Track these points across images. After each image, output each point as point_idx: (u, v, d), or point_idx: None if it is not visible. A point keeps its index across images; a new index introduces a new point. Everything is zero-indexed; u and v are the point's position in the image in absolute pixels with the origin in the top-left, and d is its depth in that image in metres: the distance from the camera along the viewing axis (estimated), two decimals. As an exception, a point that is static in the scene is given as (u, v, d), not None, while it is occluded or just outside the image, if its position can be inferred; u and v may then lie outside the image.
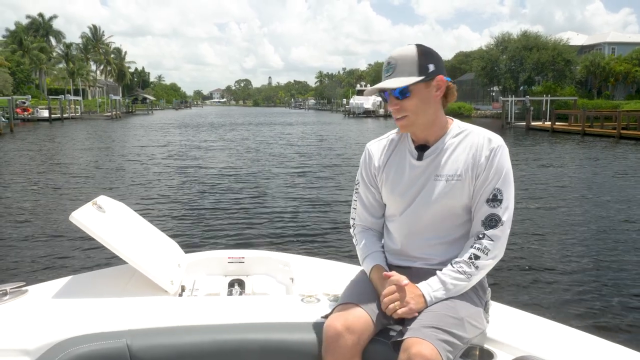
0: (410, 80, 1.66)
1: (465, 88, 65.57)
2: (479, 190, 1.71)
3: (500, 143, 1.71)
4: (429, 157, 1.76)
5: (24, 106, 48.65)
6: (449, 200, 1.73)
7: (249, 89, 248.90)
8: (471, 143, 1.73)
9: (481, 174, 1.70)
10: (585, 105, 37.47)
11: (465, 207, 1.75)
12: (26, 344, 1.66)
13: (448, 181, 1.72)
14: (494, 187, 1.69)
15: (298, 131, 36.35)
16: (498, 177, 1.69)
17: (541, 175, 14.42)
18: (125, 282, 2.23)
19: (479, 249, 1.69)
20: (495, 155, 1.69)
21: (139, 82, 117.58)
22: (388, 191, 1.83)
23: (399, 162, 1.82)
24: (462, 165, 1.72)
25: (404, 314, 1.64)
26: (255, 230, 8.15)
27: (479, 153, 1.71)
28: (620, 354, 1.64)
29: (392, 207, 1.85)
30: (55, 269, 6.16)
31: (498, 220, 1.69)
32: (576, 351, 1.66)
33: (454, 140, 1.75)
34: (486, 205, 1.70)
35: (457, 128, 1.78)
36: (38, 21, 76.74)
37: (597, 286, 5.71)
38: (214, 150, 21.70)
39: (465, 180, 1.71)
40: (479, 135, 1.74)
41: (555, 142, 25.97)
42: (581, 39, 61.75)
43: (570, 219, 9.03)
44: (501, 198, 1.69)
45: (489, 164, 1.69)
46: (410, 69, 1.67)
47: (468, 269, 1.69)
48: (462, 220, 1.77)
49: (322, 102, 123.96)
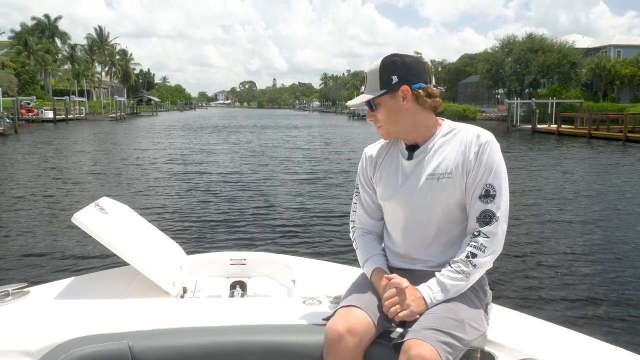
0: (373, 94, 1.75)
1: (470, 90, 65.43)
2: (471, 186, 1.71)
3: (489, 138, 1.71)
4: (419, 156, 1.78)
5: (29, 107, 48.75)
6: (442, 199, 1.73)
7: (254, 90, 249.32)
8: (460, 140, 1.74)
9: (471, 171, 1.70)
10: (590, 108, 37.28)
11: (460, 206, 1.75)
12: (28, 345, 1.66)
13: (439, 179, 1.73)
14: (485, 182, 1.69)
15: (304, 134, 36.25)
16: (489, 173, 1.68)
17: (547, 177, 14.31)
18: (127, 283, 2.23)
19: (475, 247, 1.68)
20: (484, 151, 1.69)
21: (143, 83, 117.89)
22: (382, 191, 1.86)
23: (391, 163, 1.85)
24: (452, 163, 1.72)
25: (405, 317, 1.64)
26: (257, 233, 8.12)
27: (467, 149, 1.71)
28: (622, 357, 1.63)
29: (387, 208, 1.87)
30: (57, 270, 6.14)
31: (492, 216, 1.68)
32: (578, 354, 1.65)
33: (444, 139, 1.77)
34: (479, 201, 1.69)
35: (447, 127, 1.79)
36: (44, 22, 77.05)
37: (600, 290, 5.67)
38: (217, 154, 21.64)
39: (456, 177, 1.71)
40: (468, 132, 1.75)
41: (561, 145, 25.82)
42: (586, 41, 61.49)
43: (575, 222, 8.96)
44: (494, 193, 1.69)
45: (479, 160, 1.69)
46: (374, 84, 1.75)
47: (466, 268, 1.68)
48: (458, 219, 1.76)
49: (327, 104, 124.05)
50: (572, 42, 51.72)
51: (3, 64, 54.05)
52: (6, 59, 57.45)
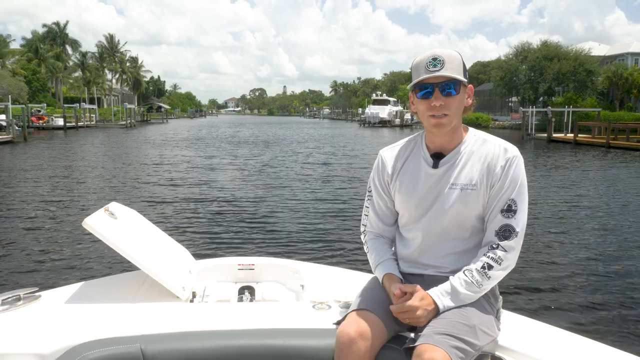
0: (460, 77, 1.65)
1: (483, 98, 64.78)
2: (493, 199, 1.69)
3: (516, 153, 1.70)
4: (445, 165, 1.73)
5: (40, 114, 48.72)
6: (464, 210, 1.71)
7: (264, 97, 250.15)
8: (487, 152, 1.71)
9: (496, 184, 1.68)
10: (607, 117, 36.40)
11: (479, 217, 1.73)
12: (41, 348, 1.66)
13: (463, 190, 1.70)
14: (508, 197, 1.67)
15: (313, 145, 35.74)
16: (513, 188, 1.67)
17: (565, 186, 13.94)
18: (137, 288, 2.23)
19: (492, 259, 1.67)
20: (510, 166, 1.67)
21: (154, 90, 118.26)
22: (402, 199, 1.81)
23: (413, 169, 1.80)
24: (477, 175, 1.70)
25: (417, 324, 1.63)
26: (265, 238, 8.09)
27: (494, 162, 1.69)
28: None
29: (407, 215, 1.82)
30: (68, 275, 6.11)
31: (512, 231, 1.67)
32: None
33: (470, 149, 1.74)
34: (500, 215, 1.68)
35: (473, 137, 1.77)
36: (54, 30, 77.34)
37: (611, 297, 5.62)
38: (226, 159, 21.51)
39: (480, 189, 1.69)
40: (495, 144, 1.72)
41: (578, 154, 24.99)
42: (603, 49, 60.40)
43: (590, 230, 8.82)
44: (515, 209, 1.68)
45: (505, 174, 1.67)
46: (457, 69, 1.65)
47: (480, 278, 1.66)
48: (475, 230, 1.75)
49: (337, 111, 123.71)
50: (588, 49, 50.75)
51: (14, 71, 54.14)
52: (17, 67, 57.61)
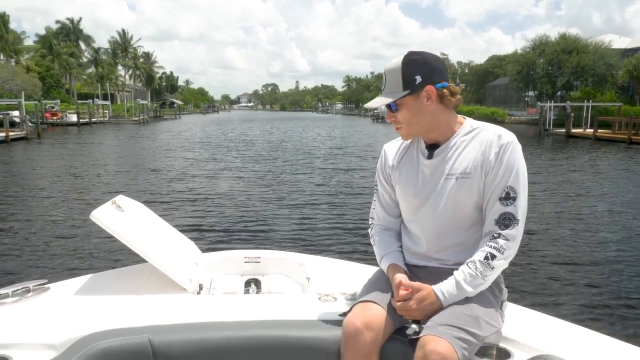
0: (395, 96, 1.68)
1: (498, 93, 63.70)
2: (489, 187, 1.66)
3: (510, 139, 1.66)
4: (439, 155, 1.73)
5: (53, 111, 48.81)
6: (461, 199, 1.70)
7: (276, 93, 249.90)
8: (481, 140, 1.69)
9: (490, 171, 1.66)
10: (627, 112, 35.47)
11: (477, 206, 1.71)
12: (51, 338, 1.67)
13: (458, 179, 1.69)
14: (505, 184, 1.64)
15: (325, 139, 35.27)
16: (509, 175, 1.64)
17: (581, 181, 13.81)
18: (144, 279, 2.23)
19: (495, 248, 1.65)
20: (504, 152, 1.64)
21: (167, 86, 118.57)
22: (401, 189, 1.83)
23: (411, 161, 1.81)
24: (471, 163, 1.68)
25: (420, 318, 1.64)
26: (271, 231, 8.11)
27: (488, 150, 1.66)
28: (638, 356, 1.61)
29: (405, 206, 1.84)
30: (76, 267, 6.17)
31: (512, 218, 1.65)
32: (593, 352, 1.64)
33: (465, 138, 1.72)
34: (499, 203, 1.65)
35: (468, 126, 1.74)
36: (68, 26, 77.58)
37: (616, 289, 5.61)
38: (232, 153, 21.44)
39: (475, 177, 1.67)
40: (489, 131, 1.69)
41: (599, 150, 24.24)
42: (623, 42, 58.90)
43: (597, 224, 8.84)
44: (514, 196, 1.64)
45: (499, 161, 1.64)
46: (396, 84, 1.67)
47: (483, 269, 1.65)
48: (475, 220, 1.73)
49: (350, 106, 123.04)
50: (608, 42, 49.49)
51: (28, 68, 54.31)
52: (31, 63, 57.79)
